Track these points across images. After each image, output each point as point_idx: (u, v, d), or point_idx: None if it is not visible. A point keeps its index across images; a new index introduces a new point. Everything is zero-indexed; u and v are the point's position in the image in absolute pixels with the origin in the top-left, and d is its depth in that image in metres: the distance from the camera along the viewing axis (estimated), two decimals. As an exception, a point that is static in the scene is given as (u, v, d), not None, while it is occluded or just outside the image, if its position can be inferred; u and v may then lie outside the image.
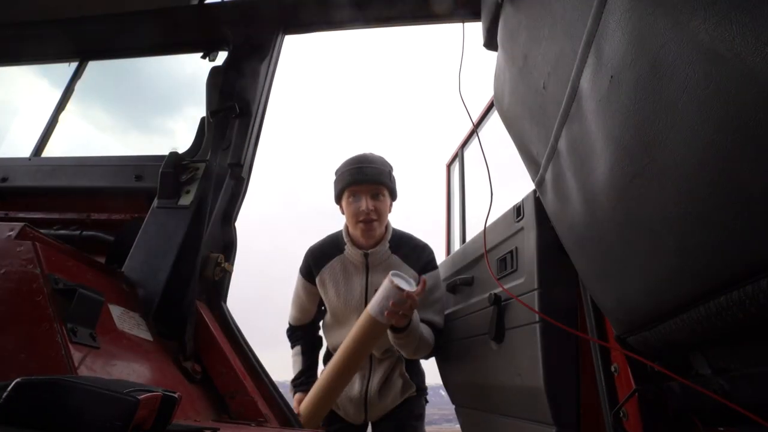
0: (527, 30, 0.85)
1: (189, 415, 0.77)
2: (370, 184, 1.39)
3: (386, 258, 1.44)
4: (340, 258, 1.46)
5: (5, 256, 0.65)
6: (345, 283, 1.44)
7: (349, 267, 1.46)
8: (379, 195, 1.41)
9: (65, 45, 1.56)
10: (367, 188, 1.39)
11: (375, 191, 1.40)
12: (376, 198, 1.40)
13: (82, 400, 0.40)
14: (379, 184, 1.40)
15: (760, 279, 0.42)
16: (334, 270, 1.45)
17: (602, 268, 0.73)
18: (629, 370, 0.81)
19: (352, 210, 1.40)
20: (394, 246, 1.46)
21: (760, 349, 0.52)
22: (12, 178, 1.31)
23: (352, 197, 1.40)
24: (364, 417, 1.44)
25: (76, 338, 0.62)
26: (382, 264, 1.43)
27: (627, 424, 0.82)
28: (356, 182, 1.39)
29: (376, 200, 1.40)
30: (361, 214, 1.38)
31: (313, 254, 1.50)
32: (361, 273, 1.44)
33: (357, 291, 1.42)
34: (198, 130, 1.28)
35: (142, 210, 1.15)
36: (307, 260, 1.50)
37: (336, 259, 1.46)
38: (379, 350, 1.43)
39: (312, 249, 1.52)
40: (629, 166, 0.54)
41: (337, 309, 1.45)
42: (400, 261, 1.44)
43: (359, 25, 1.38)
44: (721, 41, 0.38)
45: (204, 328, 0.99)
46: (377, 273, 1.42)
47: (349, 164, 1.43)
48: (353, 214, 1.40)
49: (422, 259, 1.45)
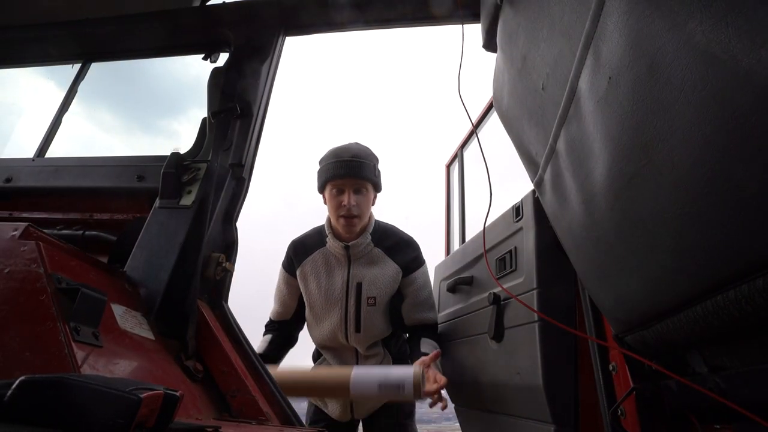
0: (526, 31, 0.85)
1: (191, 413, 0.77)
2: (353, 179, 1.37)
3: (368, 251, 1.42)
4: (322, 251, 1.44)
5: (9, 255, 0.66)
6: (327, 276, 1.42)
7: (330, 260, 1.44)
8: (361, 189, 1.38)
9: (68, 47, 1.56)
10: (350, 182, 1.37)
11: (358, 185, 1.38)
12: (359, 192, 1.38)
13: (85, 399, 0.41)
14: (362, 179, 1.37)
15: (756, 278, 0.42)
16: (316, 263, 1.44)
17: (600, 267, 0.73)
18: (627, 369, 0.81)
19: (334, 204, 1.38)
20: (377, 239, 1.44)
21: (757, 347, 0.52)
22: (16, 178, 1.32)
23: (335, 190, 1.38)
24: (350, 416, 1.44)
25: (79, 337, 0.63)
26: (364, 257, 1.42)
27: (625, 422, 0.82)
28: (339, 176, 1.36)
29: (358, 195, 1.38)
30: (342, 209, 1.36)
31: (295, 247, 1.48)
32: (343, 266, 1.42)
33: (338, 284, 1.41)
34: (199, 130, 1.29)
35: (144, 210, 1.15)
36: (288, 253, 1.49)
37: (318, 252, 1.44)
38: (363, 347, 1.42)
39: (294, 242, 1.50)
40: (627, 167, 0.55)
41: (317, 303, 1.43)
42: (382, 254, 1.43)
43: (359, 26, 1.39)
44: (717, 43, 0.38)
45: (205, 327, 0.99)
46: (359, 266, 1.41)
47: (332, 156, 1.40)
48: (335, 208, 1.38)
49: (408, 255, 1.44)
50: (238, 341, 1.03)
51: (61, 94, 1.54)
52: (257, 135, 1.27)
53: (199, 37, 1.46)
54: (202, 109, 1.32)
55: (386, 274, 1.41)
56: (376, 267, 1.42)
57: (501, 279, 1.25)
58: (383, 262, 1.42)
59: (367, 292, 1.40)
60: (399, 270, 1.42)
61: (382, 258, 1.42)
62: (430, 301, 1.46)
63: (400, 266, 1.42)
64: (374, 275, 1.40)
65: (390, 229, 1.49)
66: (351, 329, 1.40)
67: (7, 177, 1.32)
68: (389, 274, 1.41)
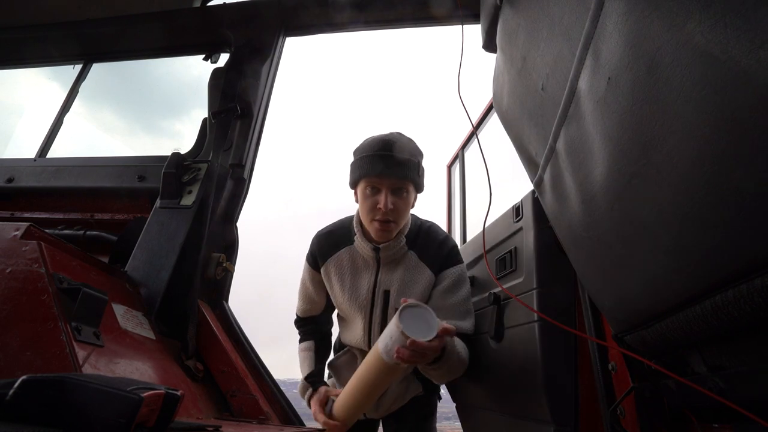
0: (526, 32, 0.85)
1: (191, 412, 0.77)
2: (393, 178, 1.15)
3: (401, 254, 1.24)
4: (349, 249, 1.26)
5: (11, 255, 0.66)
6: (352, 279, 1.26)
7: (357, 260, 1.26)
8: (402, 191, 1.17)
9: (69, 47, 1.57)
10: (389, 182, 1.15)
11: (398, 186, 1.16)
12: (398, 194, 1.17)
13: (87, 398, 0.41)
14: (403, 179, 1.16)
15: (755, 278, 0.43)
16: (341, 262, 1.27)
17: (600, 267, 0.73)
18: (627, 368, 0.81)
19: (367, 205, 1.18)
20: (411, 240, 1.25)
21: (756, 347, 0.52)
22: (18, 178, 1.33)
23: (369, 189, 1.17)
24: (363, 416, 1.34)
25: (81, 336, 0.63)
26: (395, 261, 1.24)
27: (624, 421, 0.82)
28: (375, 173, 1.15)
29: (397, 197, 1.17)
30: (377, 213, 1.17)
31: (319, 241, 1.31)
32: (371, 269, 1.25)
33: (364, 289, 1.24)
34: (200, 131, 1.29)
35: (145, 210, 1.16)
36: (312, 247, 1.32)
37: (344, 250, 1.27)
38: None
39: (319, 235, 1.32)
40: (627, 167, 0.55)
41: (342, 305, 1.28)
42: (416, 259, 1.23)
43: (359, 27, 1.39)
44: (715, 44, 0.39)
45: (206, 326, 0.99)
46: (389, 271, 1.24)
47: (370, 148, 1.19)
48: (368, 210, 1.18)
49: (441, 255, 1.24)
50: (239, 341, 1.03)
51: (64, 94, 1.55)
52: (257, 135, 1.27)
53: (200, 37, 1.47)
54: (204, 109, 1.32)
55: (418, 282, 1.22)
56: (407, 274, 1.23)
57: (501, 279, 1.25)
58: (417, 268, 1.23)
59: (395, 302, 1.21)
60: (433, 277, 1.22)
61: (416, 264, 1.23)
62: (465, 306, 1.20)
63: (433, 272, 1.23)
64: (405, 283, 1.22)
65: (426, 226, 1.30)
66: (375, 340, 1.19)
67: (9, 177, 1.33)
68: (422, 282, 1.22)
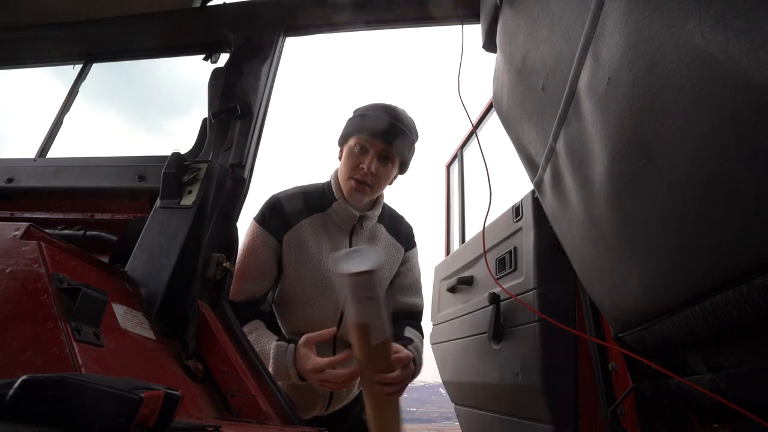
0: (526, 32, 0.85)
1: (191, 413, 0.77)
2: (384, 144, 1.13)
3: (372, 225, 1.25)
4: (323, 216, 1.20)
5: (11, 255, 0.66)
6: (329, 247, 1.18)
7: (331, 229, 1.20)
8: (389, 161, 1.16)
9: (69, 47, 1.57)
10: (380, 147, 1.14)
11: (386, 154, 1.15)
12: (384, 163, 1.15)
13: (87, 398, 0.41)
14: (394, 149, 1.15)
15: (755, 278, 0.43)
16: (315, 228, 1.18)
17: (600, 267, 0.73)
18: (627, 369, 0.81)
19: (351, 162, 1.15)
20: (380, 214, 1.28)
21: (756, 347, 0.52)
22: (17, 178, 1.33)
23: (358, 147, 1.15)
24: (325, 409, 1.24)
25: (81, 337, 0.63)
26: (368, 232, 1.24)
27: (624, 421, 0.82)
28: (370, 133, 1.13)
29: (382, 165, 1.15)
30: (357, 171, 1.14)
31: (288, 202, 1.18)
32: (344, 239, 1.21)
33: None
34: (200, 131, 1.29)
35: (145, 210, 1.16)
36: (274, 209, 1.18)
37: (318, 216, 1.20)
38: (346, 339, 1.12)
39: (286, 196, 1.20)
40: (627, 167, 0.55)
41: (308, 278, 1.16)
42: (385, 231, 1.27)
43: (359, 27, 1.39)
44: (715, 44, 0.39)
45: (206, 327, 0.99)
46: (361, 240, 1.23)
47: (371, 109, 1.18)
48: (350, 168, 1.15)
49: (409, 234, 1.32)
50: (238, 341, 1.03)
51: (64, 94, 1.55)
52: (257, 135, 1.27)
53: (200, 37, 1.47)
54: (205, 109, 1.32)
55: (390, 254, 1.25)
56: (379, 245, 1.23)
57: (501, 279, 1.25)
58: (386, 240, 1.25)
59: None
60: (402, 249, 1.26)
61: (385, 236, 1.25)
62: (419, 285, 1.32)
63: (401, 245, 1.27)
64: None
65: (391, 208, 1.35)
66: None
67: (9, 177, 1.33)
68: (393, 254, 1.25)
